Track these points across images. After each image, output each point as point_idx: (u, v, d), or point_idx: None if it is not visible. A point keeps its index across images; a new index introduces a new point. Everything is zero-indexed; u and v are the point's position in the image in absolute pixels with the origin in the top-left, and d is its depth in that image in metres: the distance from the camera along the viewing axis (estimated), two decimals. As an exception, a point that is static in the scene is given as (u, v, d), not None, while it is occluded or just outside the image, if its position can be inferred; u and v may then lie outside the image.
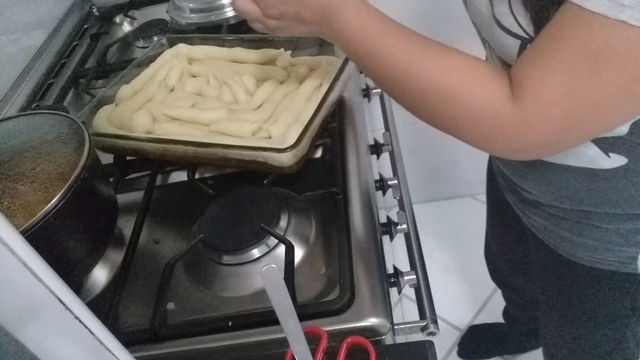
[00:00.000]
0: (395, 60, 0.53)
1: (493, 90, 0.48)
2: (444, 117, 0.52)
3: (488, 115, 0.48)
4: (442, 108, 0.51)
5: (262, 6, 0.60)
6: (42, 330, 0.30)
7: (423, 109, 0.54)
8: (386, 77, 0.55)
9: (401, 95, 0.55)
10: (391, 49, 0.53)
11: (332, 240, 0.66)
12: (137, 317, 0.65)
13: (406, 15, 1.40)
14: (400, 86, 0.54)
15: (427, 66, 0.51)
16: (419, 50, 0.52)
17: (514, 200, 0.79)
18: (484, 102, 0.48)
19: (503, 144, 0.50)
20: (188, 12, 1.12)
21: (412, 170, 1.70)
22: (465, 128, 0.51)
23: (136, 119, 0.78)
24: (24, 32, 1.18)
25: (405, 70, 0.52)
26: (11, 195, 0.61)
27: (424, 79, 0.51)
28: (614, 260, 0.67)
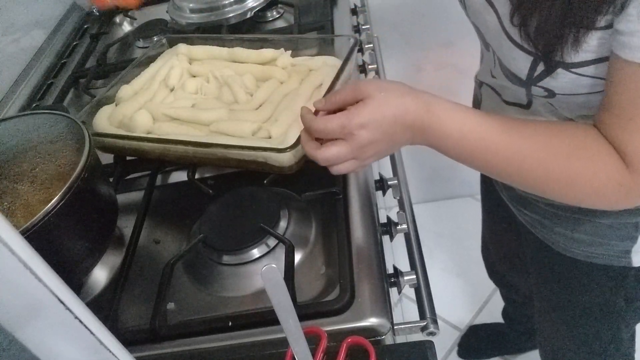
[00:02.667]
0: (501, 159, 0.53)
1: (608, 164, 0.50)
2: (567, 197, 0.55)
3: (612, 190, 0.51)
4: (564, 192, 0.53)
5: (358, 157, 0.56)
6: (42, 330, 0.30)
7: (544, 194, 0.56)
8: (496, 172, 0.56)
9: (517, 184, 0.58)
10: (497, 150, 0.53)
11: (332, 240, 0.66)
12: (137, 317, 0.65)
13: (406, 15, 1.40)
14: (514, 179, 0.55)
15: (539, 158, 0.52)
16: (525, 143, 0.53)
17: (508, 197, 0.79)
18: (605, 179, 0.50)
19: (626, 205, 0.53)
20: (188, 12, 1.12)
21: (412, 170, 1.70)
22: (591, 203, 0.55)
23: (136, 119, 0.78)
24: (24, 32, 1.18)
25: (518, 167, 0.53)
26: (11, 195, 0.61)
27: (540, 171, 0.52)
28: (607, 254, 0.68)
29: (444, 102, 0.54)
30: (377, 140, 0.54)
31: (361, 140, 0.53)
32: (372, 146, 0.54)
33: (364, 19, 1.11)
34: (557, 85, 0.53)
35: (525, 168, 0.53)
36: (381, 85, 0.55)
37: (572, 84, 0.52)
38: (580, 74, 0.50)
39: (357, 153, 0.55)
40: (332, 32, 1.01)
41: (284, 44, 0.88)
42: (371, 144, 0.54)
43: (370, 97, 0.53)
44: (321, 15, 1.06)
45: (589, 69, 0.50)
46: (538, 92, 0.57)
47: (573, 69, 0.50)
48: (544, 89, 0.55)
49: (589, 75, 0.50)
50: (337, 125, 0.53)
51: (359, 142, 0.53)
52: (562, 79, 0.52)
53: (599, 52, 0.48)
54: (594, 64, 0.49)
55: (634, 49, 0.44)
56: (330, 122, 0.54)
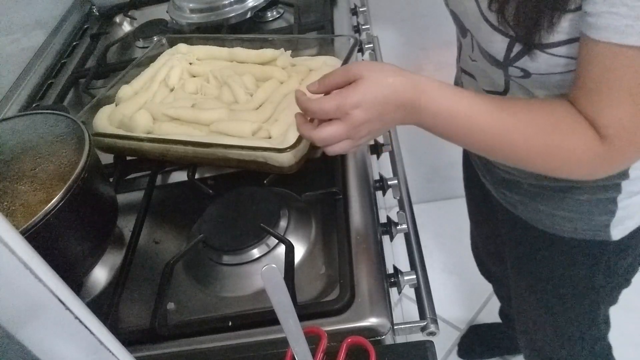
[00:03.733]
0: (488, 136, 0.56)
1: (584, 137, 0.53)
2: (547, 169, 0.59)
3: (587, 159, 0.54)
4: (545, 164, 0.57)
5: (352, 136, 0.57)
6: (42, 330, 0.30)
7: (526, 166, 0.60)
8: (482, 148, 0.59)
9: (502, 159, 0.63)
10: (484, 127, 0.56)
11: (332, 240, 0.66)
12: (137, 317, 0.65)
13: (406, 15, 1.40)
14: (499, 155, 0.59)
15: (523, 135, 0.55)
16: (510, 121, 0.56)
17: (491, 181, 0.81)
18: (581, 150, 0.54)
19: (602, 174, 0.57)
20: (188, 12, 1.12)
21: (412, 170, 1.70)
22: (568, 172, 0.58)
23: (136, 119, 0.78)
24: (24, 32, 1.18)
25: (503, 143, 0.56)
26: (11, 195, 0.61)
27: (524, 147, 0.56)
28: (588, 229, 0.71)
29: (434, 82, 0.57)
30: (370, 119, 0.56)
31: (356, 120, 0.55)
32: (366, 125, 0.56)
33: (364, 19, 1.11)
34: (532, 65, 0.56)
35: (511, 144, 0.56)
36: (372, 66, 0.57)
37: (547, 64, 0.55)
38: (553, 54, 0.54)
39: (352, 132, 0.56)
40: (332, 32, 1.01)
41: (284, 44, 0.88)
42: (365, 123, 0.56)
43: (363, 77, 0.55)
44: (321, 15, 1.06)
45: (562, 49, 0.53)
46: (514, 72, 0.59)
47: (547, 49, 0.54)
48: (520, 69, 0.58)
49: (562, 55, 0.54)
50: (333, 106, 0.55)
51: (353, 121, 0.55)
52: (537, 59, 0.55)
53: (571, 33, 0.51)
54: (567, 45, 0.52)
55: (600, 29, 0.47)
56: (326, 102, 0.56)
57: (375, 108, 0.55)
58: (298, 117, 0.60)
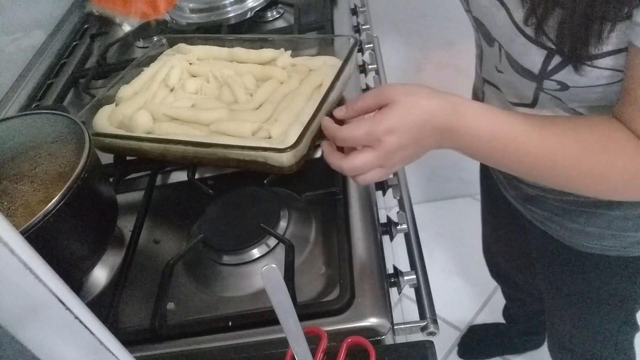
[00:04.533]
0: (533, 158, 0.53)
1: (637, 157, 0.50)
2: (599, 192, 0.56)
3: (638, 184, 0.51)
4: (596, 187, 0.54)
5: (385, 164, 0.54)
6: (42, 331, 0.30)
7: (576, 190, 0.57)
8: (526, 171, 0.55)
9: (547, 182, 0.58)
10: (528, 149, 0.52)
11: (332, 240, 0.66)
12: (137, 317, 0.65)
13: (406, 15, 1.40)
14: (546, 178, 0.56)
15: (570, 156, 0.52)
16: (556, 141, 0.52)
17: (514, 197, 0.79)
18: (635, 171, 0.51)
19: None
20: (188, 12, 1.12)
21: (412, 170, 1.70)
22: (622, 195, 0.55)
23: (136, 119, 0.78)
24: (24, 32, 1.18)
25: (550, 165, 0.53)
26: (11, 195, 0.61)
27: (572, 168, 0.52)
28: (620, 246, 0.69)
29: (472, 103, 0.53)
30: (405, 145, 0.52)
31: (389, 147, 0.51)
32: (400, 152, 0.52)
33: (364, 19, 1.11)
34: (572, 78, 0.53)
35: (557, 166, 0.53)
36: (407, 89, 0.53)
37: (588, 77, 0.52)
38: (597, 66, 0.50)
39: (385, 160, 0.53)
40: (332, 32, 1.01)
41: (284, 44, 0.88)
42: (399, 149, 0.52)
43: (396, 101, 0.52)
44: (321, 15, 1.06)
45: (606, 60, 0.49)
46: (550, 85, 0.56)
47: (590, 61, 0.50)
48: (557, 82, 0.55)
49: (606, 68, 0.50)
50: (363, 133, 0.51)
51: (386, 148, 0.51)
52: (578, 72, 0.51)
53: (617, 44, 0.47)
54: (611, 56, 0.49)
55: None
56: (356, 129, 0.52)
57: (410, 133, 0.51)
58: (326, 145, 0.57)
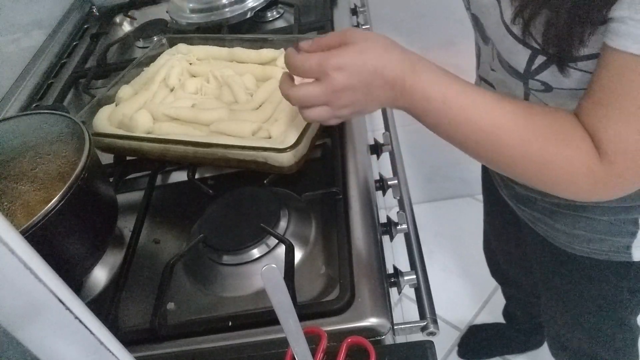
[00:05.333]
0: (479, 132, 0.52)
1: (582, 151, 0.49)
2: (540, 181, 0.54)
3: (583, 176, 0.50)
4: (537, 175, 0.52)
5: (331, 103, 0.53)
6: (42, 331, 0.30)
7: (515, 173, 0.55)
8: (472, 146, 0.54)
9: (489, 161, 0.55)
10: (477, 121, 0.52)
11: (332, 240, 0.66)
12: (137, 317, 0.65)
13: (406, 15, 1.40)
14: (490, 155, 0.54)
15: (518, 137, 0.51)
16: (507, 120, 0.51)
17: (508, 195, 0.79)
18: (577, 164, 0.50)
19: (599, 196, 0.52)
20: (188, 12, 1.12)
21: (412, 170, 1.70)
22: (562, 188, 0.53)
23: (136, 119, 0.78)
24: (24, 32, 1.18)
25: (496, 143, 0.52)
26: (11, 195, 0.61)
27: (517, 150, 0.51)
28: (608, 250, 0.69)
29: (431, 65, 0.53)
30: (353, 87, 0.51)
31: (335, 83, 0.51)
32: (347, 93, 0.52)
33: (364, 19, 1.11)
34: (555, 79, 0.53)
35: (503, 145, 0.51)
36: (370, 35, 0.53)
37: (571, 79, 0.52)
38: (578, 68, 0.50)
39: (331, 97, 0.52)
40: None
41: (284, 44, 0.88)
42: (346, 90, 0.51)
43: (355, 42, 0.51)
44: (321, 15, 1.06)
45: (588, 63, 0.50)
46: (535, 85, 0.56)
47: (573, 62, 0.50)
48: (541, 82, 0.55)
49: (587, 71, 0.50)
50: (314, 63, 0.51)
51: (333, 84, 0.51)
52: (560, 73, 0.52)
53: (597, 47, 0.48)
54: (592, 59, 0.49)
55: (620, 36, 0.44)
56: (308, 59, 0.52)
57: (360, 76, 0.51)
58: (283, 74, 0.57)
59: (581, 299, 0.80)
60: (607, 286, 0.75)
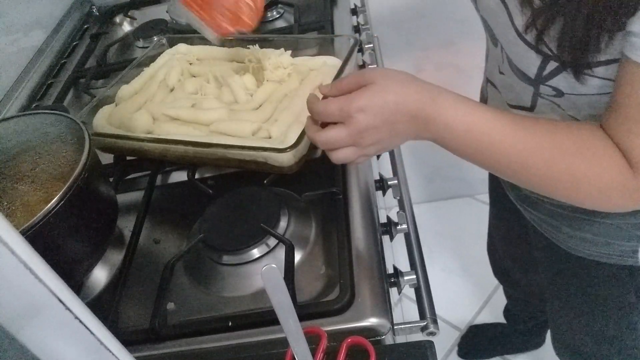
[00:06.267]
0: (507, 156, 0.52)
1: (612, 165, 0.49)
2: (571, 198, 0.54)
3: (616, 191, 0.50)
4: (568, 192, 0.53)
5: (357, 143, 0.54)
6: (42, 331, 0.30)
7: (548, 193, 0.56)
8: (501, 170, 0.55)
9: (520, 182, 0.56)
10: (502, 145, 0.52)
11: (332, 240, 0.66)
12: (137, 317, 0.65)
13: (406, 15, 1.40)
14: (518, 177, 0.54)
15: (544, 157, 0.51)
16: (532, 141, 0.52)
17: (514, 197, 0.79)
18: (609, 180, 0.50)
19: (630, 208, 0.53)
20: (188, 12, 1.11)
21: (412, 170, 1.70)
22: (595, 204, 0.54)
23: (136, 119, 0.78)
24: (24, 32, 1.18)
25: (523, 165, 0.52)
26: (11, 195, 0.61)
27: (545, 170, 0.51)
28: (614, 254, 0.68)
29: (450, 94, 0.53)
30: (376, 126, 0.53)
31: (360, 125, 0.52)
32: (371, 132, 0.53)
33: (364, 19, 1.11)
34: (566, 85, 0.53)
35: (530, 166, 0.52)
36: (386, 73, 0.54)
37: (586, 85, 0.52)
38: (595, 75, 0.50)
39: (356, 138, 0.54)
40: (332, 32, 1.01)
41: (284, 44, 0.88)
42: (370, 129, 0.53)
43: (373, 83, 0.53)
44: (321, 15, 1.06)
45: (600, 70, 0.49)
46: (546, 91, 0.56)
47: (589, 69, 0.50)
48: (553, 88, 0.55)
49: (600, 77, 0.50)
50: (336, 108, 0.53)
51: (357, 126, 0.53)
52: (572, 79, 0.51)
53: (612, 54, 0.48)
54: (606, 65, 0.49)
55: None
56: (330, 104, 0.54)
57: (382, 115, 0.52)
58: (308, 119, 0.59)
59: (587, 302, 0.80)
60: (613, 289, 0.74)
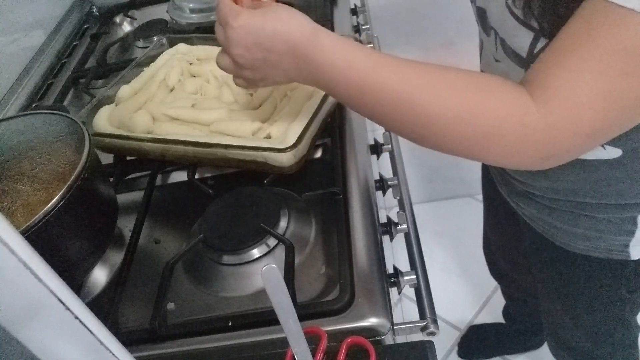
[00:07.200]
0: (392, 93, 0.48)
1: (512, 99, 0.45)
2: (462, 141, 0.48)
3: (512, 127, 0.45)
4: (458, 132, 0.47)
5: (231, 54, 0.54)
6: (42, 331, 0.30)
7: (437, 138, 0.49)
8: (385, 112, 0.50)
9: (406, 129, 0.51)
10: (386, 82, 0.48)
11: (332, 240, 0.66)
12: (137, 317, 0.65)
13: (406, 15, 1.40)
14: (403, 119, 0.49)
15: (431, 92, 0.47)
16: (418, 77, 0.48)
17: (507, 192, 0.79)
18: (505, 114, 0.45)
19: (531, 155, 0.46)
20: (188, 12, 1.12)
21: (412, 170, 1.70)
22: (488, 146, 0.47)
23: (136, 119, 0.78)
24: (24, 32, 1.18)
25: (410, 102, 0.48)
26: (11, 195, 0.61)
27: (431, 105, 0.47)
28: (606, 248, 0.69)
29: (332, 34, 0.52)
30: (248, 47, 0.53)
31: (233, 36, 0.53)
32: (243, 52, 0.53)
33: (364, 19, 1.11)
34: None
35: (417, 104, 0.47)
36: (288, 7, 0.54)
37: None
38: None
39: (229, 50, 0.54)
40: (332, 32, 1.01)
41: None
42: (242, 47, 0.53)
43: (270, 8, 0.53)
44: (321, 15, 1.06)
45: None
46: None
47: None
48: None
49: None
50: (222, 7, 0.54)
51: (231, 36, 0.53)
52: None
53: None
54: None
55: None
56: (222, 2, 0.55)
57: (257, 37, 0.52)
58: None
59: (579, 298, 0.81)
60: (605, 284, 0.75)
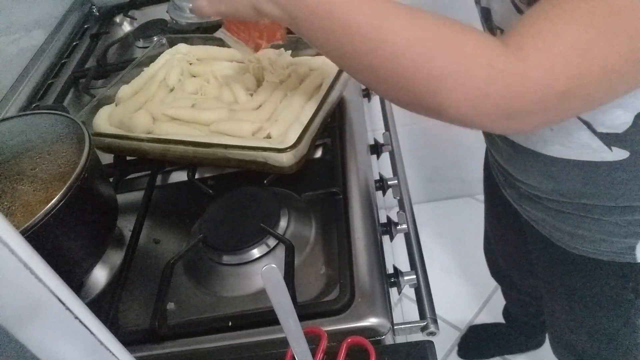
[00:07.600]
0: (360, 27, 0.46)
1: (481, 42, 0.42)
2: (424, 73, 0.43)
3: (479, 70, 0.41)
4: (424, 61, 0.43)
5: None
6: (42, 330, 0.30)
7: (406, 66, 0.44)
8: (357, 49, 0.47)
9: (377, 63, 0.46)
10: (353, 15, 0.46)
11: (332, 240, 0.66)
12: (137, 317, 0.65)
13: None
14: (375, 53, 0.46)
15: (400, 22, 0.44)
16: (385, 7, 0.45)
17: (511, 195, 0.79)
18: (472, 53, 0.41)
19: (494, 105, 0.42)
20: (188, 12, 1.12)
21: (412, 170, 1.70)
22: (453, 87, 0.42)
23: (136, 119, 0.78)
24: (24, 32, 1.18)
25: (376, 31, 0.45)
26: (11, 195, 0.61)
27: (402, 36, 0.44)
28: (612, 251, 0.68)
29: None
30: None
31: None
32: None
33: (364, 19, 1.10)
34: None
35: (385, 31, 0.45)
36: None
37: None
38: None
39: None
40: (332, 32, 1.00)
41: (284, 44, 0.88)
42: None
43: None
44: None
45: None
46: None
47: None
48: None
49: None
50: None
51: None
52: None
53: None
54: None
55: None
56: None
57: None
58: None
59: (584, 300, 0.80)
60: (610, 287, 0.75)
